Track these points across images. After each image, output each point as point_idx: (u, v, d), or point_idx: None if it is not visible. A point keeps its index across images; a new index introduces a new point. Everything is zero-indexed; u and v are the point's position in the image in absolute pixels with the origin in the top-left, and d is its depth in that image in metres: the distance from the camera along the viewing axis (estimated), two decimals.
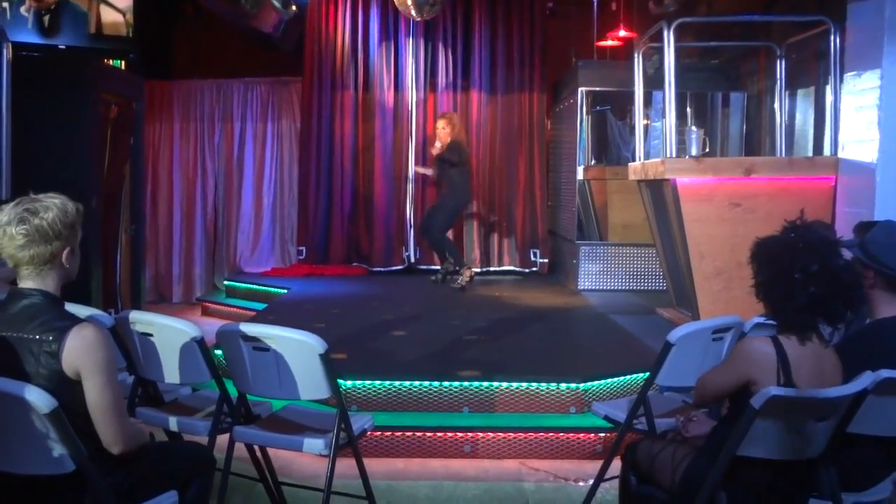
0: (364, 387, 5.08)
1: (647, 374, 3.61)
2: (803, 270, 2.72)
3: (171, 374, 3.48)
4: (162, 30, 10.80)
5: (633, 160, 7.55)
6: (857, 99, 5.56)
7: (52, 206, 2.61)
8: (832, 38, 6.23)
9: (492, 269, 10.18)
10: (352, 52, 10.17)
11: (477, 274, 9.50)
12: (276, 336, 3.35)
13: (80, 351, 2.52)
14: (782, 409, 2.67)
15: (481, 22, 10.11)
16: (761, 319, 3.47)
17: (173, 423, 3.56)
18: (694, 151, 6.76)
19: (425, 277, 9.57)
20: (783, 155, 7.13)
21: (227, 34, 10.21)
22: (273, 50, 10.15)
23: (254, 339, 3.37)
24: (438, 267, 9.31)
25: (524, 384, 5.09)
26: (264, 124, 10.38)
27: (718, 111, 9.25)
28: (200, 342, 3.39)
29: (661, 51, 6.55)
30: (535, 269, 10.14)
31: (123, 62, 7.89)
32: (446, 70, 10.13)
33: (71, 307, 2.72)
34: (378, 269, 10.03)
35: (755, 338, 2.96)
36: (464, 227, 10.11)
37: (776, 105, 7.41)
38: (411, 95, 10.16)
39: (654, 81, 7.44)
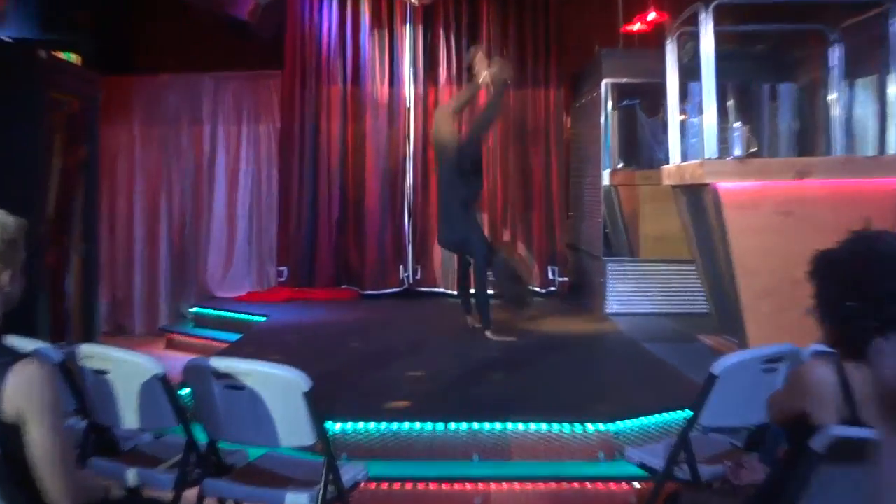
0: (355, 431, 5.04)
1: (689, 412, 3.57)
2: (879, 287, 2.68)
3: (129, 417, 3.46)
4: (120, 17, 10.83)
5: (668, 162, 7.55)
6: None
7: None
8: (891, 20, 6.22)
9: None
10: (339, 41, 10.19)
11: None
12: (253, 372, 3.33)
13: (23, 392, 2.49)
14: (850, 454, 2.63)
15: (488, 5, 10.13)
16: (820, 348, 3.43)
17: (132, 475, 3.49)
18: (738, 151, 6.76)
19: (426, 302, 9.53)
20: (841, 154, 7.11)
21: (195, 21, 10.23)
22: (248, 39, 10.17)
23: (226, 375, 3.34)
24: (442, 290, 9.28)
25: (544, 426, 5.05)
26: (238, 125, 10.43)
27: (765, 105, 9.24)
28: (164, 380, 3.37)
29: (697, 36, 6.54)
30: (553, 289, 10.13)
31: (78, 56, 7.90)
32: (448, 61, 10.15)
33: (12, 340, 2.69)
34: (371, 292, 10.01)
35: (813, 362, 2.93)
36: None
37: (832, 97, 7.40)
38: (409, 90, 10.19)
39: (690, 71, 7.43)
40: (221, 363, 3.37)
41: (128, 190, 10.35)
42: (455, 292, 9.79)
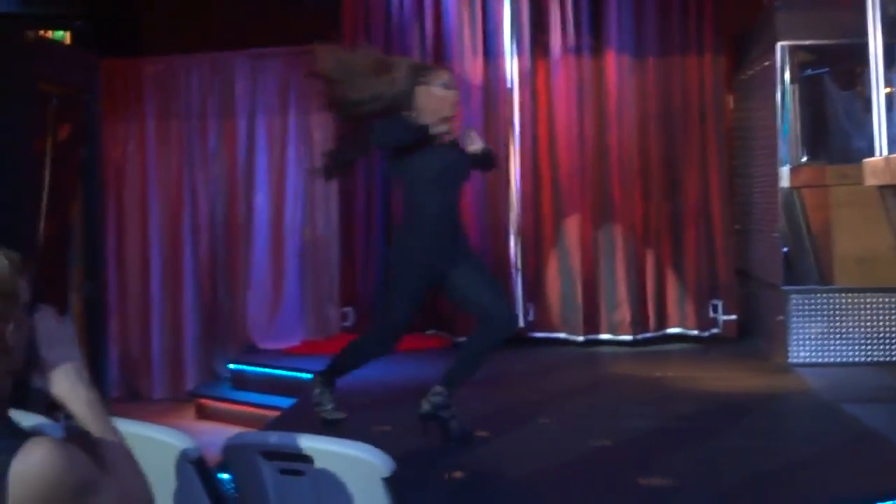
0: None
1: None
2: None
3: None
4: None
5: (871, 154, 7.47)
6: None
7: None
8: None
9: (648, 335, 10.09)
10: (416, 4, 10.27)
11: (625, 343, 9.44)
12: (317, 450, 3.33)
13: (35, 483, 2.52)
14: None
15: None
16: None
17: None
18: None
19: (541, 350, 9.48)
20: None
21: None
22: (295, 3, 10.30)
23: (281, 455, 3.35)
24: (563, 335, 9.22)
25: None
26: (284, 117, 10.55)
27: None
28: (198, 462, 3.38)
29: None
30: (716, 331, 10.06)
31: (69, 33, 8.09)
32: (563, 24, 10.14)
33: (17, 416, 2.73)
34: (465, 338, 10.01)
35: None
36: (598, 268, 10.06)
37: None
38: (510, 65, 10.20)
39: None
40: (273, 438, 3.39)
41: (140, 209, 10.54)
42: (580, 338, 9.76)
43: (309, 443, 3.37)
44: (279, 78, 10.57)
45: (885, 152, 7.20)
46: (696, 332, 10.06)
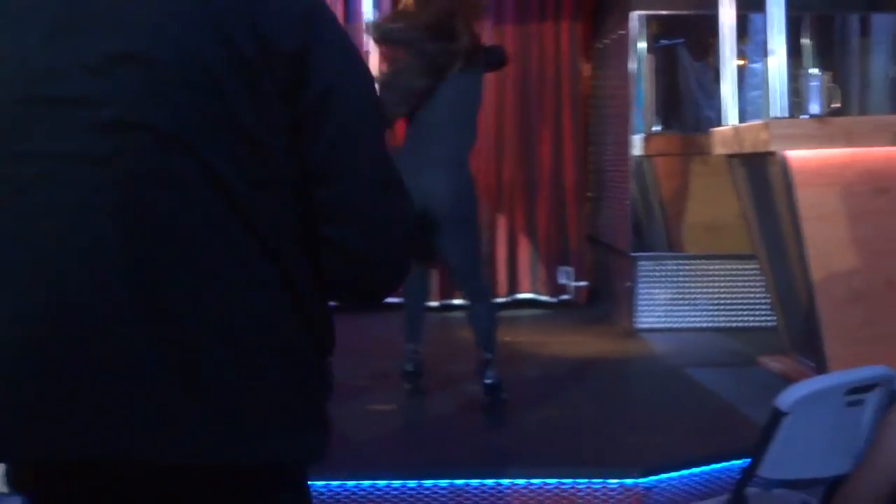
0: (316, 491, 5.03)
1: (746, 461, 3.58)
2: None
3: None
4: None
5: (720, 123, 7.59)
6: None
7: None
8: None
9: (499, 300, 10.15)
10: None
11: None
12: None
13: None
14: None
15: None
16: None
17: None
18: (815, 108, 6.76)
19: (394, 315, 9.52)
20: None
21: None
22: None
23: None
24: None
25: (552, 482, 5.05)
26: None
27: (854, 44, 9.27)
28: None
29: None
30: (567, 297, 10.19)
31: None
32: None
33: None
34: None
35: None
36: None
37: None
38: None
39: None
40: None
41: None
42: (435, 303, 9.82)
43: None
44: None
45: (734, 122, 7.32)
46: (547, 298, 10.18)
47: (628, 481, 5.05)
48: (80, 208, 1.76)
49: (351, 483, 5.05)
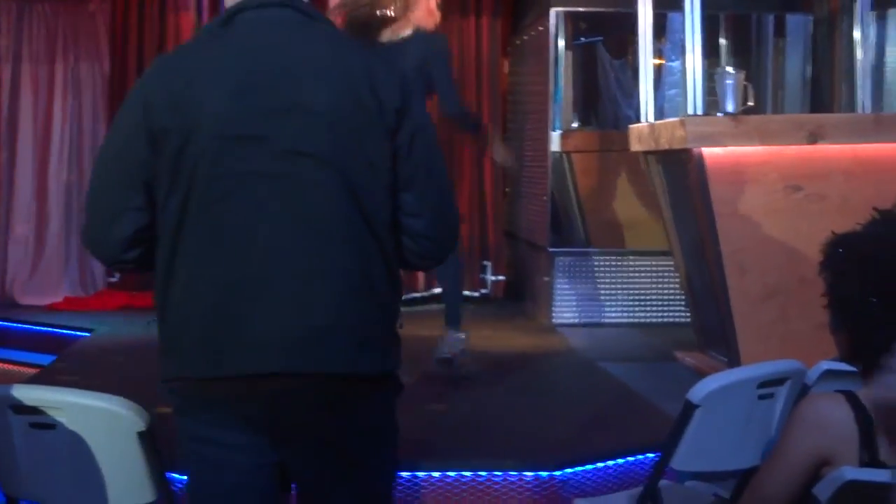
0: None
1: (659, 454, 3.61)
2: None
3: None
4: None
5: (638, 120, 7.62)
6: None
7: None
8: None
9: (418, 294, 10.16)
10: None
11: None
12: (68, 404, 3.27)
13: None
14: (865, 502, 2.68)
15: None
16: (833, 365, 3.49)
17: None
18: (730, 106, 6.84)
19: None
20: (867, 110, 7.23)
21: None
22: None
23: (32, 409, 3.28)
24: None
25: (468, 474, 5.06)
26: (50, 66, 10.25)
27: (769, 44, 9.37)
28: None
29: None
30: (484, 291, 10.21)
31: None
32: None
33: None
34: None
35: (819, 396, 2.97)
36: None
37: (856, 34, 7.50)
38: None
39: None
40: (24, 392, 3.31)
41: None
42: None
43: (61, 396, 3.31)
44: (47, 25, 10.23)
45: (650, 119, 7.36)
46: (465, 293, 10.18)
47: (543, 474, 5.08)
48: (261, 207, 2.61)
49: None
